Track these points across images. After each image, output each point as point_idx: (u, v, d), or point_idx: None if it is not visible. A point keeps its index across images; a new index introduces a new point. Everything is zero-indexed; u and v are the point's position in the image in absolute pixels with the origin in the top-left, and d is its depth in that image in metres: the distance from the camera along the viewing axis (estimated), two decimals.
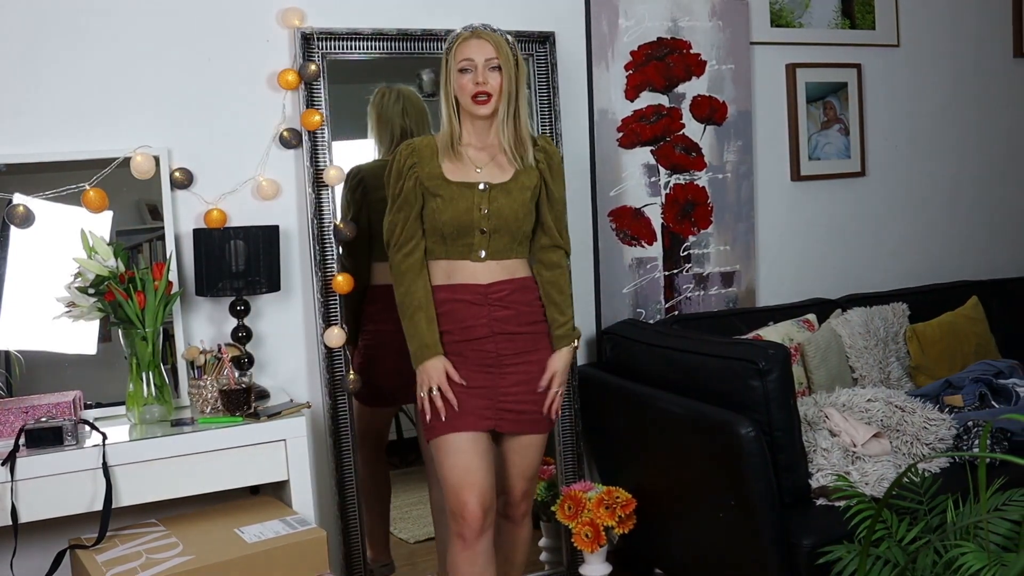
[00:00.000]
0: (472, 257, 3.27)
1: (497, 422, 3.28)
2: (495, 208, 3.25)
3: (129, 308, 3.20)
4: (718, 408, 3.48)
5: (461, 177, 3.27)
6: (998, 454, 2.78)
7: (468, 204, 3.24)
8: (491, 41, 3.23)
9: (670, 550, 3.89)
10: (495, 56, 3.21)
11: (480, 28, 3.26)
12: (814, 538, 3.22)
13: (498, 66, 3.22)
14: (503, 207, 3.26)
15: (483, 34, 3.25)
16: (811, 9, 4.94)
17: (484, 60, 3.20)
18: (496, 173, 3.31)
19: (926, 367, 4.59)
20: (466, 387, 3.24)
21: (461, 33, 3.27)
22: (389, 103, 3.99)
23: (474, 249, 3.27)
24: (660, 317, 4.52)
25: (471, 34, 3.25)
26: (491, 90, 3.21)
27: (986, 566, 2.59)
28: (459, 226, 3.24)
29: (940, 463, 3.65)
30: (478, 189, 3.25)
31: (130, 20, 3.54)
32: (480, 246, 3.27)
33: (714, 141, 4.62)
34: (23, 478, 2.93)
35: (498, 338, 3.28)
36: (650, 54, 4.45)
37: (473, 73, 3.21)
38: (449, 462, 3.22)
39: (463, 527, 3.18)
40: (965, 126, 5.48)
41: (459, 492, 3.18)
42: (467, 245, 3.27)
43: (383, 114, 3.99)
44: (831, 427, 3.75)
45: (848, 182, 5.11)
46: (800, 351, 4.31)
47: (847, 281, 5.06)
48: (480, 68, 3.20)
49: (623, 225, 4.42)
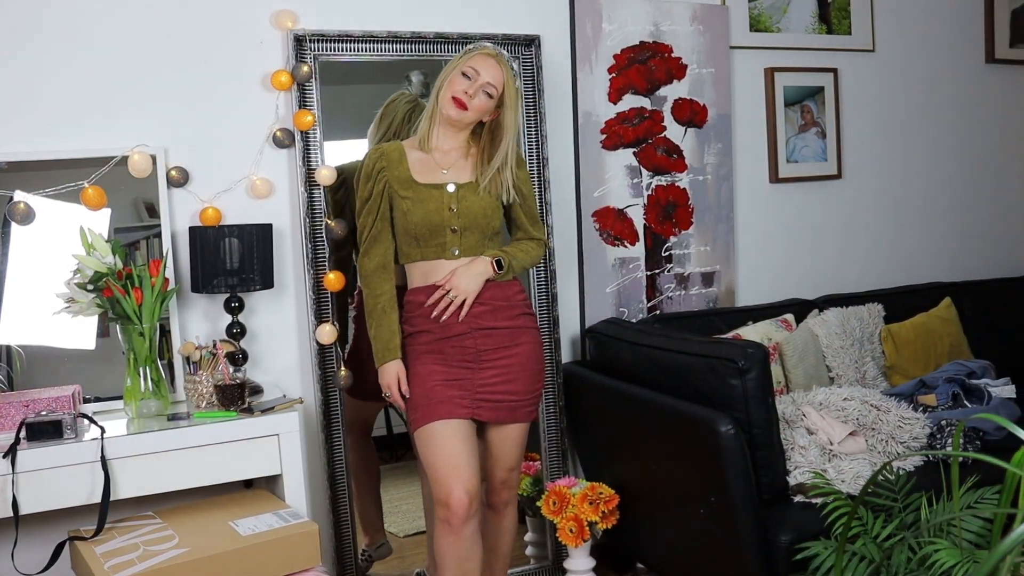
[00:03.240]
0: (447, 255, 3.34)
1: (475, 411, 3.33)
2: (464, 207, 3.33)
3: (127, 304, 3.22)
4: (699, 406, 3.49)
5: (429, 179, 3.35)
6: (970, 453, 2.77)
7: (437, 204, 3.31)
8: (502, 72, 3.33)
9: (652, 545, 3.92)
10: (497, 86, 3.32)
11: (501, 54, 3.37)
12: (792, 534, 3.25)
13: (493, 95, 3.32)
14: (472, 205, 3.34)
15: (502, 62, 3.35)
16: (789, 15, 4.97)
17: (486, 81, 3.29)
18: (462, 174, 3.39)
19: (901, 367, 4.63)
20: (442, 380, 3.29)
21: (486, 47, 3.38)
22: (399, 103, 4.00)
23: (448, 247, 3.33)
24: (642, 316, 4.55)
25: (493, 54, 3.35)
26: (472, 106, 3.30)
27: (959, 563, 2.61)
28: (430, 226, 3.31)
29: (914, 461, 3.67)
30: (447, 190, 3.33)
31: (128, 22, 3.57)
32: (453, 244, 3.33)
33: (695, 143, 4.66)
34: (24, 471, 2.94)
35: (476, 334, 3.34)
36: (633, 57, 4.48)
37: (470, 83, 3.29)
38: (431, 450, 3.27)
39: (449, 513, 3.23)
40: (939, 130, 5.52)
41: (444, 479, 3.23)
42: (440, 244, 3.33)
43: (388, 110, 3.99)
44: (808, 425, 3.77)
45: (825, 184, 5.14)
46: (778, 350, 4.34)
47: (824, 282, 5.10)
48: (478, 85, 3.29)
49: (606, 225, 4.46)
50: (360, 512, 4.06)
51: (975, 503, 3.03)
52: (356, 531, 3.88)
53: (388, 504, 4.26)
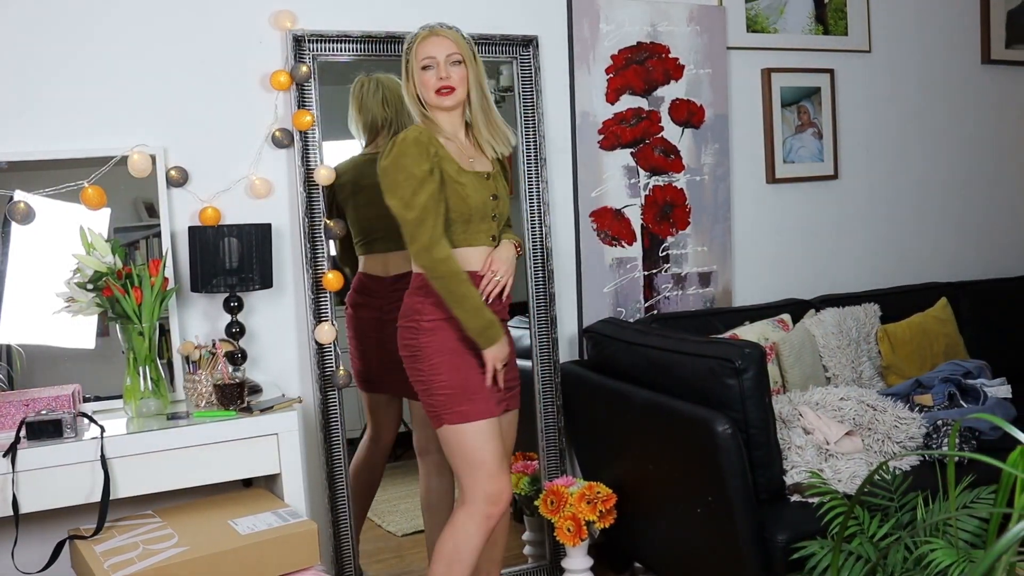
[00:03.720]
0: (489, 243, 3.35)
1: (503, 404, 3.37)
2: (500, 196, 3.38)
3: (126, 303, 3.23)
4: (696, 405, 3.49)
5: (469, 166, 3.32)
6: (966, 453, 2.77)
7: (482, 192, 3.30)
8: (450, 37, 3.31)
9: (649, 544, 3.93)
10: (456, 51, 3.29)
11: (438, 26, 3.34)
12: (788, 534, 3.25)
13: (460, 60, 3.30)
14: (502, 195, 3.39)
15: (441, 31, 3.32)
16: (786, 15, 4.99)
17: (445, 56, 3.28)
18: (486, 163, 3.39)
19: (897, 367, 4.63)
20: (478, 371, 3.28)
21: (419, 32, 3.34)
22: (368, 93, 4.02)
23: (490, 233, 3.35)
24: (640, 316, 4.56)
25: (430, 32, 3.32)
26: (454, 83, 3.28)
27: (955, 563, 2.62)
28: (481, 213, 3.30)
29: (910, 461, 3.67)
30: (483, 178, 3.33)
31: (128, 24, 3.59)
32: (493, 230, 3.36)
33: (692, 144, 4.68)
34: (23, 469, 2.95)
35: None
36: (630, 58, 4.50)
37: (436, 69, 3.27)
38: (489, 446, 3.23)
39: (496, 509, 3.24)
40: (935, 131, 5.54)
41: (497, 475, 3.24)
42: (486, 231, 3.34)
43: (363, 104, 4.03)
44: (805, 425, 3.78)
45: (822, 185, 5.16)
46: (775, 350, 4.34)
47: (820, 282, 5.12)
48: (442, 63, 3.27)
49: (604, 225, 4.47)
50: (426, 535, 4.07)
51: (971, 503, 3.03)
52: (354, 530, 3.88)
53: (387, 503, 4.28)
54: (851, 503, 2.56)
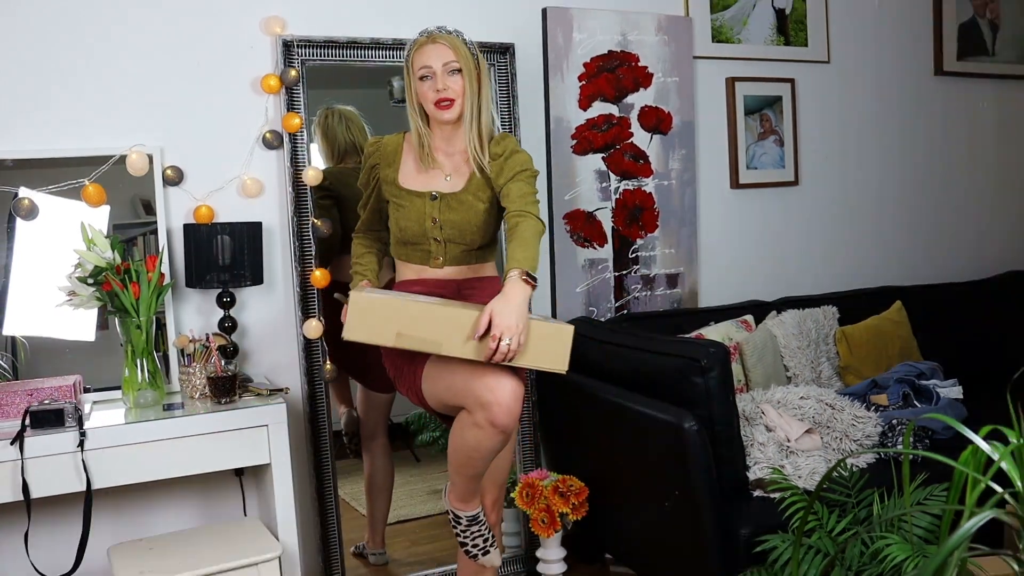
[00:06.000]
0: (431, 263, 3.21)
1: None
2: (445, 219, 3.16)
3: (125, 298, 3.31)
4: (663, 403, 3.52)
5: (418, 185, 3.20)
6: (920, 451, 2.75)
7: (419, 214, 3.17)
8: (448, 44, 3.13)
9: (619, 536, 3.99)
10: (454, 59, 3.12)
11: (436, 32, 3.17)
12: (751, 527, 3.31)
13: (458, 68, 3.13)
14: (454, 219, 3.17)
15: (439, 38, 3.15)
16: (749, 26, 5.08)
17: (442, 65, 3.11)
18: (457, 182, 3.20)
19: (854, 367, 4.72)
20: None
21: (418, 39, 3.18)
22: (333, 123, 4.15)
23: (432, 256, 3.21)
24: (611, 316, 4.66)
25: (427, 39, 3.15)
26: (453, 95, 3.12)
27: (909, 557, 2.71)
28: (414, 234, 3.18)
29: (867, 459, 3.74)
30: (428, 199, 3.18)
31: (128, 29, 3.67)
32: (437, 254, 3.20)
33: (660, 149, 4.76)
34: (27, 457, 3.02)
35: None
36: (602, 66, 4.58)
37: (433, 80, 3.12)
38: (454, 366, 2.92)
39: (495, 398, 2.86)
40: (890, 139, 5.63)
41: (490, 373, 2.87)
42: (425, 252, 3.21)
43: (328, 132, 4.15)
44: (767, 423, 3.83)
45: (782, 191, 5.25)
46: (739, 350, 4.41)
47: (781, 284, 5.20)
48: (439, 74, 3.11)
49: (577, 228, 4.56)
50: (369, 512, 4.19)
51: (924, 500, 3.14)
52: (341, 519, 3.94)
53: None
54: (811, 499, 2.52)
